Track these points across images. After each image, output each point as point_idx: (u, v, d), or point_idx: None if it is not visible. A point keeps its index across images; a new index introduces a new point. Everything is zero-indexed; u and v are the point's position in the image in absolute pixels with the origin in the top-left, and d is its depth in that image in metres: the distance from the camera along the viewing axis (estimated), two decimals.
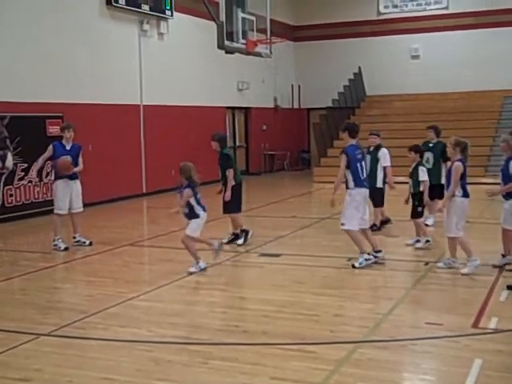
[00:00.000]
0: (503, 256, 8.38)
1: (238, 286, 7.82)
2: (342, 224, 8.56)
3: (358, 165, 8.53)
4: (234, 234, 10.42)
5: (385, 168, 10.96)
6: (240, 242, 10.19)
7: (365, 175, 8.68)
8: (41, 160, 10.59)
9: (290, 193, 16.93)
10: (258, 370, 5.16)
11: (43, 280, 8.35)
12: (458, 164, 8.18)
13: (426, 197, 9.74)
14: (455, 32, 23.41)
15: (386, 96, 24.09)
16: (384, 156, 11.04)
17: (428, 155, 11.16)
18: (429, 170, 10.32)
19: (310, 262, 9.09)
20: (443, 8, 23.85)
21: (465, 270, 8.10)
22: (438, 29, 23.70)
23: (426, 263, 8.76)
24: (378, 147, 11.13)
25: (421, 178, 9.75)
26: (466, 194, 8.23)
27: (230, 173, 10.37)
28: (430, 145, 11.41)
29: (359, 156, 8.60)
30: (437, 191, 10.54)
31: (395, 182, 11.03)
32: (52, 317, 6.65)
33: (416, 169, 9.79)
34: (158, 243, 10.77)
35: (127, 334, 6.11)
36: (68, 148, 10.33)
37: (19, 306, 7.14)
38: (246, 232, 10.35)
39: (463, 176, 8.17)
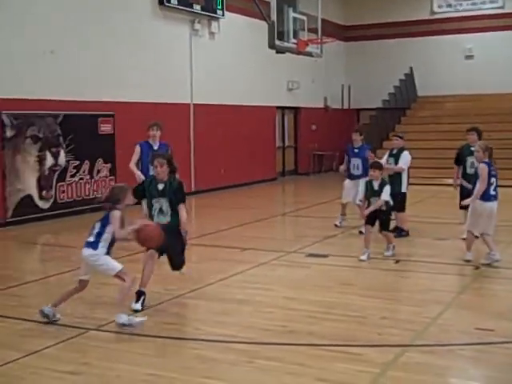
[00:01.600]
0: None
1: (284, 286, 7.79)
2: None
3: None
4: None
5: (399, 167, 10.63)
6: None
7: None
8: (133, 166, 10.04)
9: (338, 194, 16.79)
10: (304, 371, 5.14)
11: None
12: (484, 165, 8.37)
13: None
14: (510, 32, 22.90)
15: (437, 97, 23.71)
16: (403, 157, 10.76)
17: (472, 159, 10.21)
18: (471, 176, 9.86)
19: (357, 264, 9.01)
20: (499, 7, 23.35)
21: (484, 261, 8.44)
22: (493, 28, 23.21)
23: (477, 267, 8.59)
24: (401, 150, 10.89)
25: None
26: (485, 197, 8.32)
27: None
28: (472, 148, 10.18)
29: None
30: None
31: (447, 184, 10.84)
32: (100, 312, 6.75)
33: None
34: (206, 241, 10.83)
35: (173, 331, 6.16)
36: (156, 147, 10.04)
37: (69, 300, 7.24)
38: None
39: (489, 179, 8.23)
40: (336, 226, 11.79)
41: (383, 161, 11.00)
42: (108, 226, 6.34)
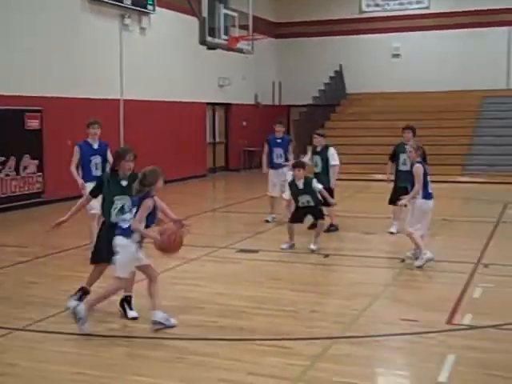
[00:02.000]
0: None
1: (215, 282, 7.80)
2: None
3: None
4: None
5: (334, 167, 10.89)
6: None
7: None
8: (74, 170, 9.29)
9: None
10: (235, 366, 5.17)
11: (19, 274, 8.29)
12: (418, 165, 8.48)
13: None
14: (436, 32, 23.56)
15: (366, 94, 24.20)
16: (333, 154, 11.01)
17: (405, 157, 10.61)
18: (406, 173, 10.15)
19: (287, 258, 9.12)
20: (424, 8, 23.99)
21: (418, 263, 8.28)
22: (419, 28, 23.85)
23: (402, 260, 8.82)
24: (326, 147, 11.10)
25: None
26: (426, 196, 8.44)
27: None
28: (406, 146, 11.08)
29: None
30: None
31: (377, 180, 11.04)
32: (27, 311, 6.60)
33: None
34: None
35: (103, 328, 6.08)
36: (96, 147, 9.52)
37: None
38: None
39: (424, 178, 8.37)
40: (267, 221, 11.90)
41: (307, 159, 11.19)
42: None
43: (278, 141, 12.15)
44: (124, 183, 6.73)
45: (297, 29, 25.44)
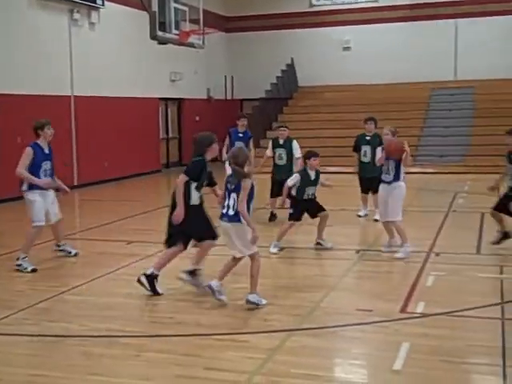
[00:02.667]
0: None
1: (171, 278, 7.76)
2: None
3: None
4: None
5: (298, 159, 10.93)
6: None
7: None
8: (24, 171, 8.22)
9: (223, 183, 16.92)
10: (192, 361, 5.18)
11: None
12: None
13: None
14: (385, 25, 23.83)
15: (318, 87, 24.37)
16: (297, 148, 11.14)
17: (366, 149, 11.15)
18: (366, 164, 10.33)
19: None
20: (374, 1, 24.25)
21: (399, 255, 8.36)
22: (369, 21, 24.09)
23: (357, 251, 8.94)
24: (289, 139, 11.23)
25: None
26: (403, 178, 8.64)
27: None
28: (368, 138, 11.27)
29: None
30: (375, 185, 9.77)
31: (329, 172, 11.16)
32: None
33: None
34: (91, 235, 10.62)
35: (58, 328, 6.01)
36: (47, 151, 8.50)
37: None
38: None
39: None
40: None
41: (268, 152, 11.26)
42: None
43: (240, 135, 12.12)
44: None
45: (248, 23, 25.44)
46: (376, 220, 10.64)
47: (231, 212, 6.43)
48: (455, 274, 7.69)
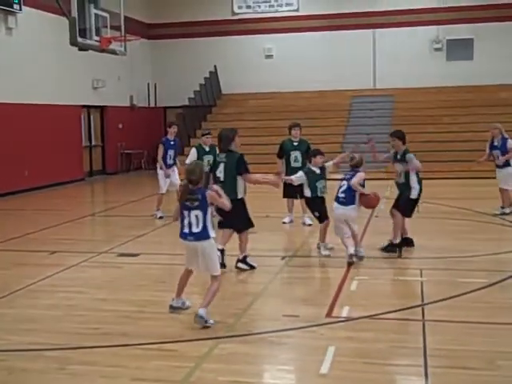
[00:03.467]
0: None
1: (96, 288, 7.66)
2: None
3: None
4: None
5: None
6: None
7: None
8: None
9: (148, 191, 16.79)
10: (118, 372, 5.11)
11: None
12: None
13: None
14: (306, 33, 24.24)
15: (241, 95, 24.52)
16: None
17: (296, 154, 11.33)
18: (297, 169, 10.32)
19: (169, 261, 9.10)
20: (294, 10, 24.60)
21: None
22: (290, 30, 24.44)
23: (283, 257, 9.03)
24: (214, 146, 11.14)
25: None
26: None
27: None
28: (295, 143, 11.48)
29: None
30: None
31: None
32: None
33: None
34: (11, 247, 10.30)
35: None
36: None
37: None
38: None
39: None
40: (161, 218, 12.41)
41: (187, 161, 11.27)
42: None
43: (172, 142, 12.78)
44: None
45: (170, 30, 25.35)
46: (309, 224, 11.04)
47: (196, 229, 6.19)
48: (377, 278, 7.88)
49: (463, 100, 22.19)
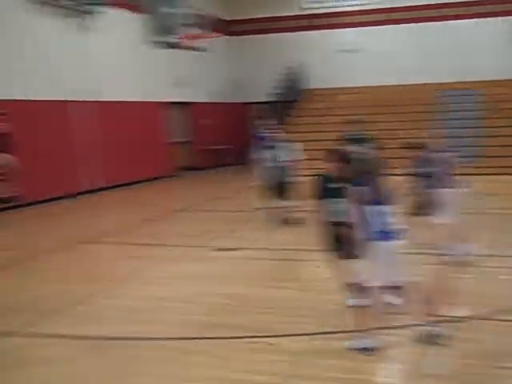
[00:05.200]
0: None
1: (198, 280, 7.84)
2: None
3: None
4: None
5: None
6: None
7: None
8: None
9: (236, 187, 16.94)
10: (227, 364, 5.31)
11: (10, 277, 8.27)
12: None
13: None
14: (391, 26, 24.00)
15: (325, 89, 24.38)
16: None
17: None
18: None
19: (264, 255, 9.23)
20: (377, 2, 24.35)
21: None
22: (376, 23, 24.21)
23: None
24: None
25: None
26: None
27: None
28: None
29: None
30: None
31: None
32: (17, 317, 6.64)
33: None
34: (110, 239, 10.72)
35: (95, 331, 6.15)
36: None
37: None
38: None
39: None
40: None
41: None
42: None
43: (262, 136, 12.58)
44: None
45: (250, 26, 25.37)
46: None
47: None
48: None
49: None
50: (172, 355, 5.52)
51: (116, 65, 18.54)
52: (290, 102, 24.12)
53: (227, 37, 25.27)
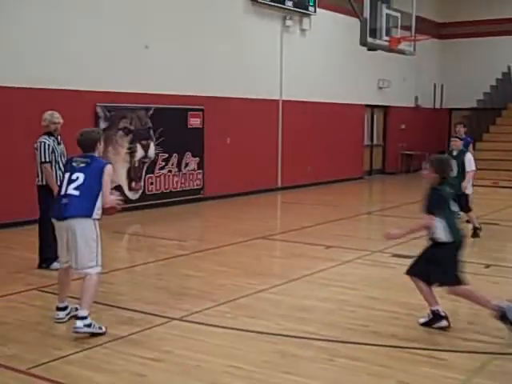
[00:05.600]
0: None
1: (368, 286, 7.67)
2: None
3: None
4: None
5: (468, 173, 10.56)
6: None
7: None
8: None
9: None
10: (385, 373, 5.03)
11: (177, 267, 8.62)
12: None
13: None
14: None
15: None
16: (470, 160, 10.66)
17: None
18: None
19: None
20: None
21: None
22: None
23: None
24: (463, 151, 10.80)
25: None
26: None
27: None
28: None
29: None
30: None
31: None
32: (184, 302, 6.84)
33: None
34: (290, 237, 10.81)
35: (255, 325, 6.15)
36: None
37: (154, 290, 7.42)
38: None
39: None
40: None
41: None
42: None
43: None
44: None
45: (461, 29, 24.49)
46: None
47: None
48: None
49: None
50: (326, 357, 5.34)
51: (325, 66, 18.84)
52: (497, 109, 22.84)
53: (437, 40, 24.55)
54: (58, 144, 8.09)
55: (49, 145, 7.94)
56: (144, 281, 8.01)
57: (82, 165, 5.88)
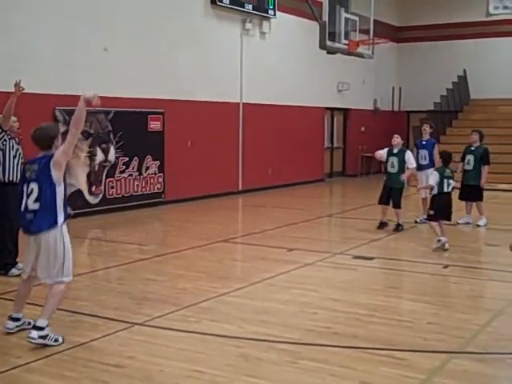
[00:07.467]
0: None
1: (330, 288, 7.73)
2: None
3: None
4: None
5: (413, 169, 11.85)
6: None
7: None
8: None
9: None
10: (348, 374, 5.08)
11: (139, 271, 8.57)
12: None
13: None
14: None
15: (491, 100, 23.22)
16: (409, 158, 11.64)
17: (469, 157, 12.18)
18: (469, 172, 11.98)
19: (403, 267, 8.92)
20: None
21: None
22: None
23: None
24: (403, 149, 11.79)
25: None
26: None
27: None
28: (472, 148, 12.30)
29: None
30: (475, 193, 11.95)
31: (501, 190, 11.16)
32: (146, 307, 6.80)
33: None
34: (252, 241, 10.83)
35: (218, 328, 6.15)
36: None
37: (116, 295, 7.36)
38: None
39: None
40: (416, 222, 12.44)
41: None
42: None
43: (423, 142, 12.87)
44: None
45: (418, 33, 24.84)
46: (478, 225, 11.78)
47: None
48: None
49: None
50: (289, 360, 5.36)
51: (285, 69, 18.90)
52: (453, 112, 23.25)
53: (395, 43, 24.88)
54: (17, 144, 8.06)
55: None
56: (105, 286, 7.94)
57: (34, 173, 5.71)
